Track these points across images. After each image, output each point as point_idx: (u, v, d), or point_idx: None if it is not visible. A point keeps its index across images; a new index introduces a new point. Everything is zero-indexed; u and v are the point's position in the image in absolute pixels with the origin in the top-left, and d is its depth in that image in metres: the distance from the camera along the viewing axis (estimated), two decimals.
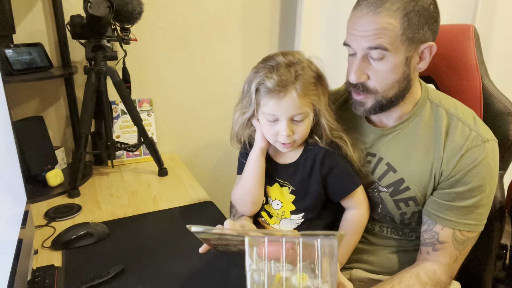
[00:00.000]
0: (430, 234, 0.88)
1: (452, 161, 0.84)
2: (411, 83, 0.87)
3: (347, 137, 0.92)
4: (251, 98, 0.87)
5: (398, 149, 0.91)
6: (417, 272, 0.87)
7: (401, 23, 0.78)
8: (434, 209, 0.87)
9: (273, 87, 0.82)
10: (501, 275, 1.05)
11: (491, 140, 0.85)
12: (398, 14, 0.78)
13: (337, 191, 0.93)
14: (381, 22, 0.78)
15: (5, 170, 0.78)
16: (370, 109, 0.88)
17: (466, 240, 0.86)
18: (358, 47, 0.82)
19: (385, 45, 0.79)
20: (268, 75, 0.83)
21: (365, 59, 0.83)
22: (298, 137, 0.88)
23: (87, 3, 1.12)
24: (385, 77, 0.83)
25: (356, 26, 0.82)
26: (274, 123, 0.87)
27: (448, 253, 0.87)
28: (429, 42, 0.83)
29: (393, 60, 0.81)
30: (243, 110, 0.91)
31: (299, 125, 0.87)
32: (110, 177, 1.43)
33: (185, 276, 0.88)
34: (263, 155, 0.94)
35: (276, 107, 0.84)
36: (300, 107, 0.84)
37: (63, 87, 1.46)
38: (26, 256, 0.81)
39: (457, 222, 0.85)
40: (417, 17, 0.79)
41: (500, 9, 1.94)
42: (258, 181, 0.94)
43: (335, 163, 0.91)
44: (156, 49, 1.57)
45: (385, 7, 0.78)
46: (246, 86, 0.88)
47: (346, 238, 0.94)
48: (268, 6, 1.69)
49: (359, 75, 0.84)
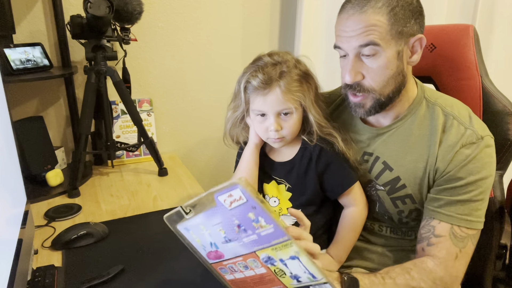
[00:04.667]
0: (427, 229, 0.88)
1: (446, 158, 0.85)
2: (406, 78, 0.87)
3: (337, 133, 0.93)
4: (241, 97, 0.92)
5: (394, 148, 0.92)
6: (404, 263, 0.86)
7: (388, 18, 0.80)
8: (432, 205, 0.87)
9: (258, 84, 0.87)
10: (501, 275, 1.05)
11: (486, 136, 0.86)
12: (383, 10, 0.79)
13: (333, 188, 0.94)
14: (368, 20, 0.80)
15: (5, 170, 0.78)
16: (370, 109, 0.88)
17: (466, 237, 0.85)
18: (349, 47, 0.83)
19: (376, 40, 0.80)
20: (254, 74, 0.88)
21: (358, 58, 0.84)
22: (287, 132, 0.91)
23: (87, 3, 1.12)
24: (380, 73, 0.84)
25: (344, 27, 0.83)
26: (263, 119, 0.91)
27: (444, 248, 0.85)
28: (418, 35, 0.84)
29: (385, 55, 0.82)
30: (234, 108, 0.97)
31: (286, 121, 0.90)
32: (110, 177, 1.43)
33: (185, 276, 0.88)
34: (257, 150, 0.97)
35: (262, 103, 0.89)
36: (285, 102, 0.88)
37: (63, 87, 1.46)
38: (26, 256, 0.81)
39: (456, 217, 0.84)
40: (402, 11, 0.80)
41: (500, 9, 1.94)
42: (252, 176, 0.96)
43: (331, 160, 0.93)
44: (156, 49, 1.57)
45: (370, 5, 0.80)
46: (237, 86, 0.94)
47: (344, 236, 0.96)
48: (268, 6, 1.69)
49: (353, 75, 0.85)
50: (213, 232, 0.65)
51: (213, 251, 0.69)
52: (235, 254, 0.67)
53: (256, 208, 0.58)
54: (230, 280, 0.75)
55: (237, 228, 0.62)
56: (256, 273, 0.69)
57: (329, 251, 0.96)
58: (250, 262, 0.67)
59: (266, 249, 0.63)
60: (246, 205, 0.58)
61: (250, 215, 0.59)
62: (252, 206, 0.58)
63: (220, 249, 0.68)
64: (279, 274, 0.68)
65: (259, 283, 0.71)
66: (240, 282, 0.73)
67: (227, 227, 0.63)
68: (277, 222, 0.59)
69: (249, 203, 0.58)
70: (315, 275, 0.65)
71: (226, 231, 0.64)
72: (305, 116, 0.93)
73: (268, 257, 0.65)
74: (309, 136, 0.94)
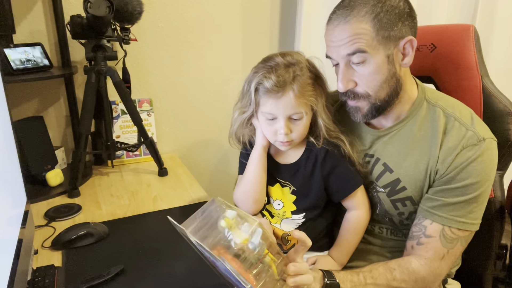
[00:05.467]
0: (418, 228, 0.88)
1: (447, 160, 0.85)
2: (401, 81, 0.87)
3: (344, 137, 0.92)
4: (250, 98, 0.89)
5: (395, 150, 0.91)
6: (388, 261, 0.87)
7: (373, 25, 0.80)
8: (426, 205, 0.87)
9: (271, 87, 0.84)
10: (501, 275, 1.05)
11: (488, 138, 0.85)
12: (367, 17, 0.80)
13: (338, 191, 0.93)
14: (353, 29, 0.80)
15: (5, 170, 0.78)
16: (367, 113, 0.88)
17: (455, 238, 0.85)
18: (338, 56, 0.84)
19: (362, 47, 0.81)
20: (267, 75, 0.85)
21: (348, 66, 0.85)
22: (296, 136, 0.90)
23: (87, 3, 1.12)
24: (371, 79, 0.84)
25: (331, 38, 0.84)
26: (273, 122, 0.89)
27: (432, 248, 0.85)
28: (408, 37, 0.83)
29: (374, 61, 0.82)
30: (242, 109, 0.93)
31: (296, 124, 0.89)
32: (110, 177, 1.43)
33: (185, 276, 0.88)
34: (265, 153, 0.95)
35: (274, 106, 0.86)
36: (297, 106, 0.86)
37: (63, 87, 1.46)
38: (26, 256, 0.81)
39: (448, 218, 0.84)
40: (387, 16, 0.80)
41: (500, 9, 1.94)
42: (260, 179, 0.95)
43: (336, 163, 0.92)
44: (156, 49, 1.57)
45: (353, 14, 0.80)
46: (246, 86, 0.91)
47: (347, 239, 0.95)
48: (268, 6, 1.69)
49: (345, 83, 0.85)
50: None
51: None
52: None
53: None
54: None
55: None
56: None
57: (330, 253, 0.96)
58: None
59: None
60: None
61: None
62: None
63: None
64: None
65: None
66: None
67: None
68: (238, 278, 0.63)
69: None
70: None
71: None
72: (314, 119, 0.92)
73: None
74: (315, 139, 0.93)
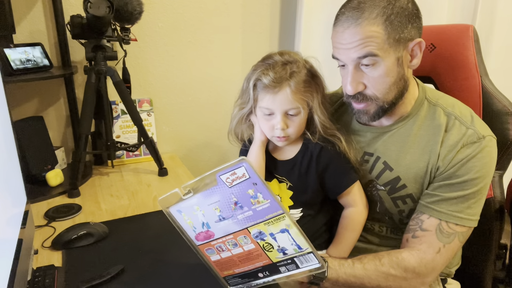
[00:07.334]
0: (415, 221, 0.88)
1: (447, 157, 0.85)
2: (408, 82, 0.88)
3: (340, 135, 0.94)
4: (249, 94, 0.92)
5: (395, 148, 0.92)
6: (380, 252, 0.89)
7: (384, 28, 0.79)
8: (425, 200, 0.88)
9: (269, 83, 0.87)
10: (501, 275, 1.05)
11: (488, 136, 0.86)
12: (379, 20, 0.79)
13: (333, 188, 0.95)
14: (364, 32, 0.79)
15: (5, 170, 0.78)
16: (374, 115, 0.89)
17: (452, 233, 0.85)
18: (348, 59, 0.83)
19: (374, 51, 0.80)
20: (265, 72, 0.88)
21: (357, 69, 0.84)
22: (292, 132, 0.92)
23: (87, 3, 1.12)
24: (381, 82, 0.84)
25: (340, 40, 0.83)
26: (270, 117, 0.91)
27: (426, 241, 0.86)
28: (417, 39, 0.83)
29: (385, 64, 0.82)
30: (241, 105, 0.96)
31: (293, 120, 0.91)
32: (110, 177, 1.43)
33: (185, 276, 0.88)
34: (263, 147, 0.97)
35: (271, 101, 0.89)
36: (294, 102, 0.88)
37: (63, 87, 1.46)
38: (26, 256, 0.81)
39: (446, 213, 0.85)
40: (398, 18, 0.79)
41: (500, 9, 1.94)
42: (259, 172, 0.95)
43: (331, 160, 0.93)
44: (156, 49, 1.57)
45: (364, 16, 0.79)
46: (245, 83, 0.94)
47: (344, 236, 0.96)
48: (268, 6, 1.69)
49: (355, 86, 0.85)
50: (207, 211, 0.69)
51: (204, 232, 0.73)
52: (226, 233, 0.72)
53: (257, 184, 0.63)
54: (215, 261, 0.79)
55: (234, 206, 0.67)
56: (244, 250, 0.74)
57: (329, 251, 0.96)
58: (241, 239, 0.72)
59: (259, 224, 0.68)
60: (248, 182, 0.63)
61: (250, 192, 0.64)
62: (253, 182, 0.63)
63: (212, 228, 0.72)
64: (267, 249, 0.72)
65: (245, 260, 0.75)
66: (224, 262, 0.78)
67: (224, 205, 0.67)
68: (274, 197, 0.64)
69: (251, 179, 0.62)
70: (302, 246, 0.69)
71: (222, 209, 0.68)
72: (310, 117, 0.94)
73: (259, 232, 0.69)
74: (311, 136, 0.95)
